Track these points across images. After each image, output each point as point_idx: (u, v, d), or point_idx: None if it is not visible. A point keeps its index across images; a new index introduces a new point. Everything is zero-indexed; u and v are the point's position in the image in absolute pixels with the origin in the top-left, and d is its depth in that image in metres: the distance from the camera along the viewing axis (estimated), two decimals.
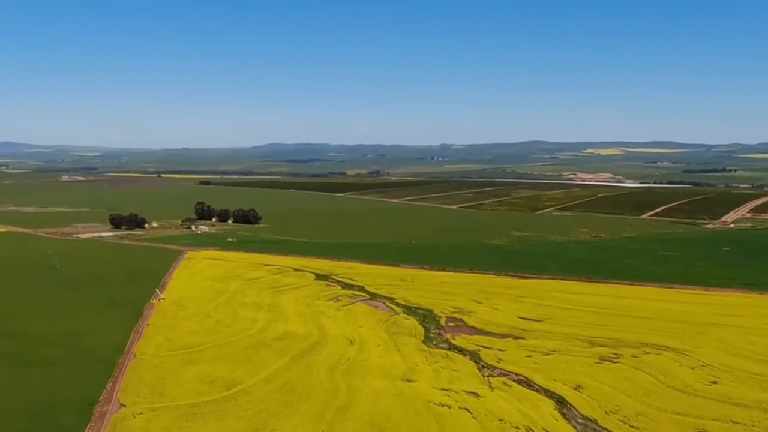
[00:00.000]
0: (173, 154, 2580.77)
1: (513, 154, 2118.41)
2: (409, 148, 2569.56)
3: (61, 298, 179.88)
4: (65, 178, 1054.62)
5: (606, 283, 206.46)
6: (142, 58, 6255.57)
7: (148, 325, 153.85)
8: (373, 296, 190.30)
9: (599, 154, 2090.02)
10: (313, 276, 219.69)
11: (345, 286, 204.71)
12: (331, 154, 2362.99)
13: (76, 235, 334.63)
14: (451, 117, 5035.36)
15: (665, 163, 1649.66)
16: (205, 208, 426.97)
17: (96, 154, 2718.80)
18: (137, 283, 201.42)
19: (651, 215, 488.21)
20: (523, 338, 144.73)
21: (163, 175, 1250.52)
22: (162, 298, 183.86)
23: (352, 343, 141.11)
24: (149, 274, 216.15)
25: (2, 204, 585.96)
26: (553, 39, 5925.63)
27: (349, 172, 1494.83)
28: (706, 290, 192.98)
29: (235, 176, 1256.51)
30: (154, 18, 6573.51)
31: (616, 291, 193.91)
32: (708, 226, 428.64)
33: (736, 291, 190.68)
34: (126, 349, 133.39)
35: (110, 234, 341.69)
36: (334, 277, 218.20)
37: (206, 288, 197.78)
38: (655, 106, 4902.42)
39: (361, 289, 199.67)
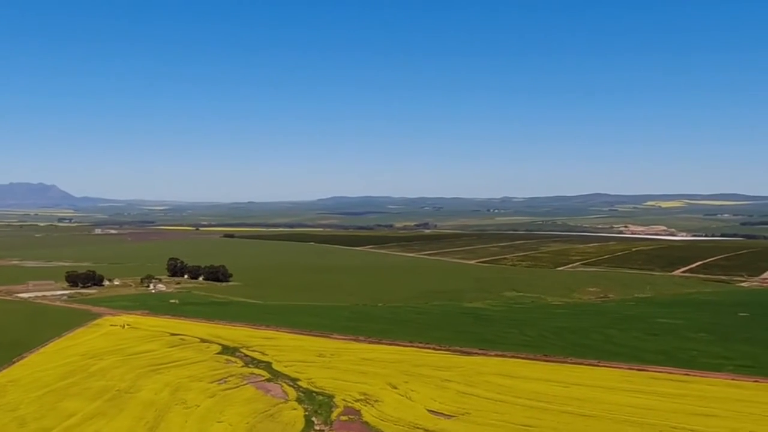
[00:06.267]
0: (237, 208, 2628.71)
1: (572, 207, 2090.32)
2: (469, 201, 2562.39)
3: None
4: (97, 231, 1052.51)
5: (563, 363, 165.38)
6: (224, 120, 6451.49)
7: None
8: (275, 376, 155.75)
9: (660, 206, 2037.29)
10: (219, 349, 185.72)
11: (249, 362, 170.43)
12: (390, 207, 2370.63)
13: (17, 294, 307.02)
14: (514, 170, 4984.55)
15: (726, 215, 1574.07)
16: (178, 264, 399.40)
17: (164, 207, 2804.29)
18: None
19: (683, 272, 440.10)
20: None
21: (201, 229, 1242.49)
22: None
23: None
24: (18, 346, 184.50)
25: (8, 258, 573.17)
26: (618, 94, 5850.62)
27: (397, 225, 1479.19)
28: (686, 374, 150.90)
29: (279, 229, 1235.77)
30: (224, 83, 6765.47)
31: (570, 374, 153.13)
32: (744, 284, 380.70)
33: (725, 376, 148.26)
34: None
35: (56, 293, 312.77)
36: (242, 350, 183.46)
37: (63, 366, 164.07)
38: (721, 158, 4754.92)
39: (267, 366, 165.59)
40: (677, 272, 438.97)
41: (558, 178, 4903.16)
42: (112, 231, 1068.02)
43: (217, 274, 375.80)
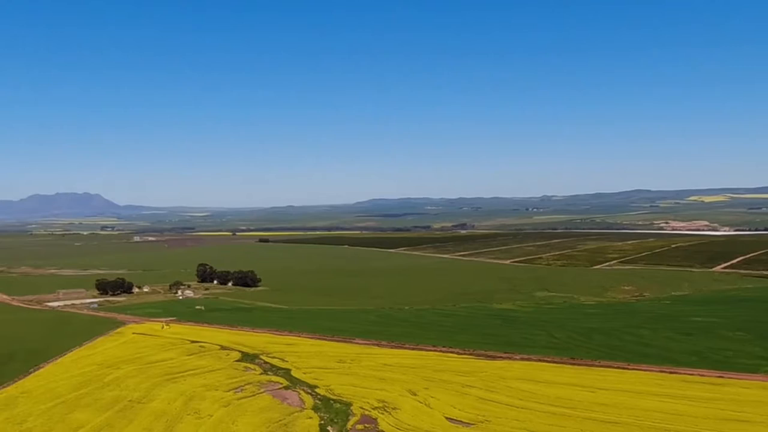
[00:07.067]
0: (276, 212, 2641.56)
1: (613, 204, 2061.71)
2: (508, 201, 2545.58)
3: None
4: (136, 238, 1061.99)
5: (590, 366, 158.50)
6: (265, 127, 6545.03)
7: None
8: (293, 384, 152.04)
9: (703, 201, 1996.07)
10: (238, 356, 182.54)
11: (268, 369, 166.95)
12: (429, 208, 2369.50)
13: (46, 303, 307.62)
14: (554, 168, 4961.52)
15: None
16: (207, 269, 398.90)
17: (205, 214, 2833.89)
18: None
19: (723, 268, 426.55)
20: None
21: (238, 234, 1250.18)
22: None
23: None
24: (37, 356, 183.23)
25: (46, 267, 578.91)
26: (659, 88, 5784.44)
27: (435, 226, 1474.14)
28: (720, 377, 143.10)
29: (315, 232, 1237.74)
30: (263, 91, 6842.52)
31: (597, 378, 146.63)
32: None
33: (762, 378, 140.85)
34: None
35: (86, 301, 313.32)
36: (262, 357, 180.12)
37: (78, 377, 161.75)
38: (765, 150, 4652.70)
39: (286, 373, 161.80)
40: (717, 268, 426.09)
41: (598, 176, 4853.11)
42: (151, 238, 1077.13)
43: (246, 279, 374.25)
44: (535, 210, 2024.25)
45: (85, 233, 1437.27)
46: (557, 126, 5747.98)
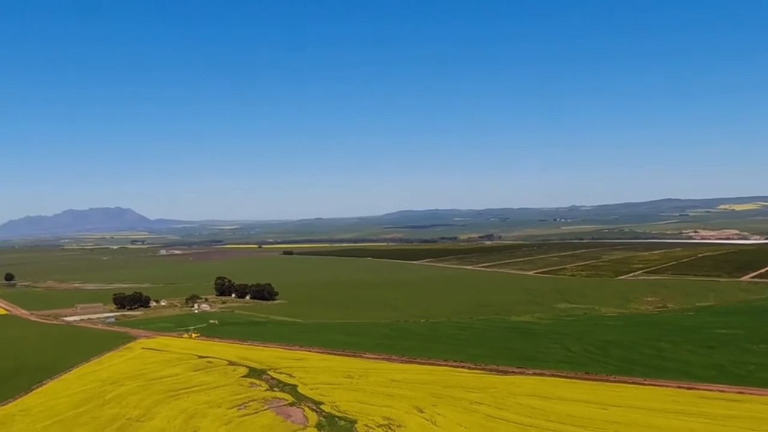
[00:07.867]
0: (304, 225, 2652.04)
1: (642, 213, 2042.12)
2: (536, 211, 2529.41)
3: None
4: (162, 252, 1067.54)
5: (605, 381, 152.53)
6: (294, 140, 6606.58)
7: None
8: (299, 400, 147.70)
9: (733, 209, 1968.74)
10: (245, 371, 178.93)
11: (275, 385, 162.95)
12: (456, 219, 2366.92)
13: (63, 318, 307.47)
14: (582, 178, 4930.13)
15: None
16: (226, 283, 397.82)
17: (234, 227, 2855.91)
18: None
19: (752, 277, 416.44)
20: None
21: (263, 246, 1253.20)
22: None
23: None
24: (42, 372, 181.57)
25: (71, 281, 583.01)
26: (688, 97, 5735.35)
27: (461, 237, 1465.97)
28: (740, 392, 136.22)
29: (340, 245, 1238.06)
30: (293, 103, 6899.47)
31: (611, 394, 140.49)
32: None
33: None
34: None
35: (102, 315, 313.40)
36: (269, 373, 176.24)
37: (80, 394, 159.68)
38: None
39: (292, 389, 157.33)
40: (745, 278, 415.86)
41: (627, 185, 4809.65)
42: (177, 251, 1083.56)
43: (263, 293, 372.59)
44: (562, 220, 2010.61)
45: (114, 247, 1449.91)
46: (586, 135, 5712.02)
